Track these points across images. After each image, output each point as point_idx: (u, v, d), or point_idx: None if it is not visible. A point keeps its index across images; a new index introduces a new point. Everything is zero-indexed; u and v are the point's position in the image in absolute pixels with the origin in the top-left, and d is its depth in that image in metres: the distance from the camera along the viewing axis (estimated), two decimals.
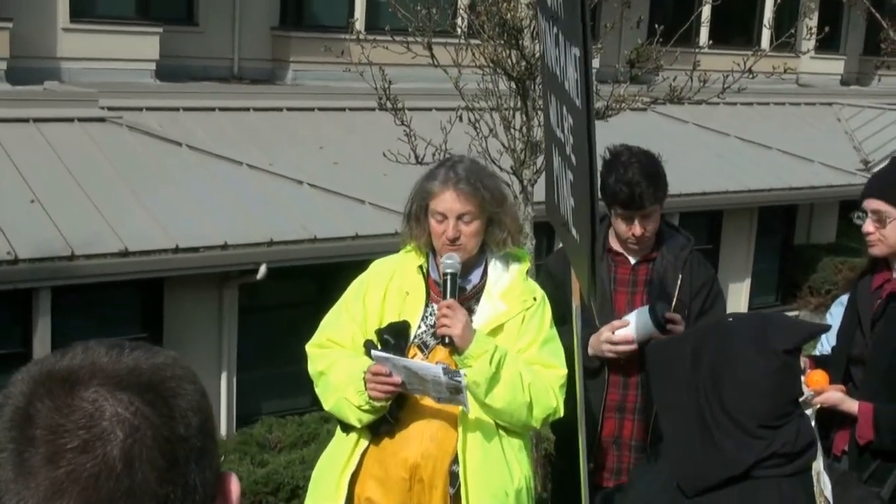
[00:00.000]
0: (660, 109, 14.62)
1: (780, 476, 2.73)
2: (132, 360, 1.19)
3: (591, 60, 3.10)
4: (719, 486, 2.74)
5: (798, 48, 11.87)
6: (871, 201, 4.13)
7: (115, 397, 1.14)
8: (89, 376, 1.15)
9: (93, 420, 1.12)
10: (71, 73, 12.38)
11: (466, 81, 7.23)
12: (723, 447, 2.73)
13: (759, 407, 2.72)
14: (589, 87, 3.05)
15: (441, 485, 3.76)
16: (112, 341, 1.22)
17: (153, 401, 1.16)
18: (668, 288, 4.44)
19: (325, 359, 3.88)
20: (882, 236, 4.11)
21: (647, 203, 4.27)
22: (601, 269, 4.45)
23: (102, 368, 1.17)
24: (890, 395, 4.08)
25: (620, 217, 4.36)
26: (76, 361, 1.18)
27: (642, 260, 4.52)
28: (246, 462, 8.50)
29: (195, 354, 10.37)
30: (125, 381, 1.16)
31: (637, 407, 4.45)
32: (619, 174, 4.27)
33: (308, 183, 11.11)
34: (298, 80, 14.43)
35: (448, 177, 3.79)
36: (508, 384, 3.67)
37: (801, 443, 2.76)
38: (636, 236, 4.34)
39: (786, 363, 2.76)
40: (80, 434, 1.11)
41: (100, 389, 1.14)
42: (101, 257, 9.17)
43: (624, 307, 4.48)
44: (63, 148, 10.32)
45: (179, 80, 13.22)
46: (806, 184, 15.78)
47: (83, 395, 1.13)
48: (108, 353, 1.19)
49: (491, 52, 7.01)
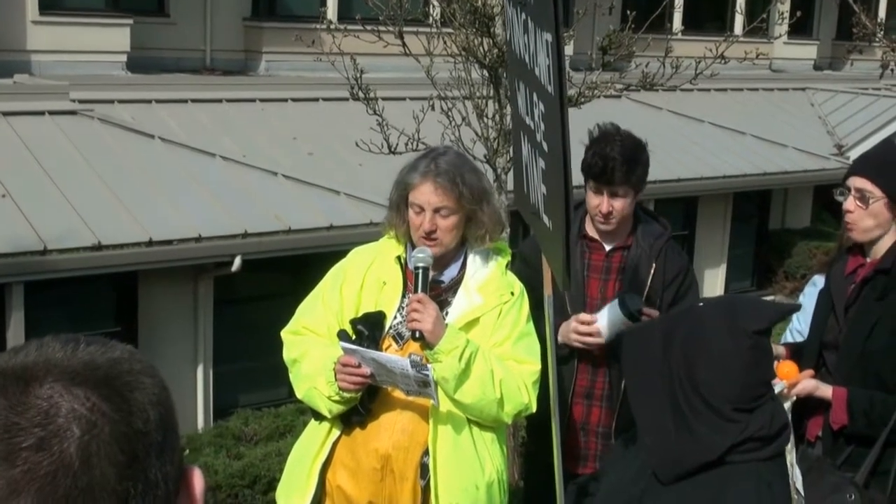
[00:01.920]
0: (634, 97, 14.66)
1: (756, 460, 2.73)
2: (87, 355, 1.16)
3: (563, 46, 3.09)
4: (695, 472, 2.74)
5: (771, 33, 11.90)
6: (857, 179, 4.14)
7: (71, 393, 1.11)
8: (44, 373, 1.13)
9: (48, 417, 1.09)
10: (41, 65, 12.28)
11: (438, 70, 7.21)
12: (697, 432, 2.73)
13: (732, 389, 2.72)
14: (561, 72, 3.03)
15: (412, 476, 3.75)
16: (68, 336, 1.20)
17: (110, 395, 1.13)
18: (642, 276, 4.45)
19: (299, 346, 3.87)
20: (858, 217, 4.12)
21: (616, 179, 4.28)
22: (575, 255, 4.46)
23: (57, 364, 1.14)
24: (863, 379, 4.09)
25: (592, 190, 4.38)
26: (30, 358, 1.15)
27: (617, 247, 4.52)
28: (222, 455, 8.47)
29: (171, 348, 10.33)
30: (81, 377, 1.13)
31: (605, 394, 4.47)
32: (599, 147, 4.30)
33: (282, 174, 11.06)
34: (271, 70, 14.37)
35: (429, 168, 3.77)
36: (478, 380, 3.65)
37: (776, 426, 2.77)
38: (602, 213, 4.35)
39: (757, 343, 2.76)
40: (35, 432, 1.08)
41: (55, 385, 1.11)
42: (74, 251, 9.11)
43: (597, 294, 4.48)
44: (34, 141, 10.24)
45: (151, 71, 13.14)
46: (780, 169, 15.83)
47: (38, 393, 1.11)
48: (62, 349, 1.17)
49: (463, 40, 6.98)
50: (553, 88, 3.09)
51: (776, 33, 14.29)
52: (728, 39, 7.30)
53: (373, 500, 3.79)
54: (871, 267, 4.15)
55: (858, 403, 4.06)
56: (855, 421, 4.06)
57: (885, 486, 4.02)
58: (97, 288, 10.11)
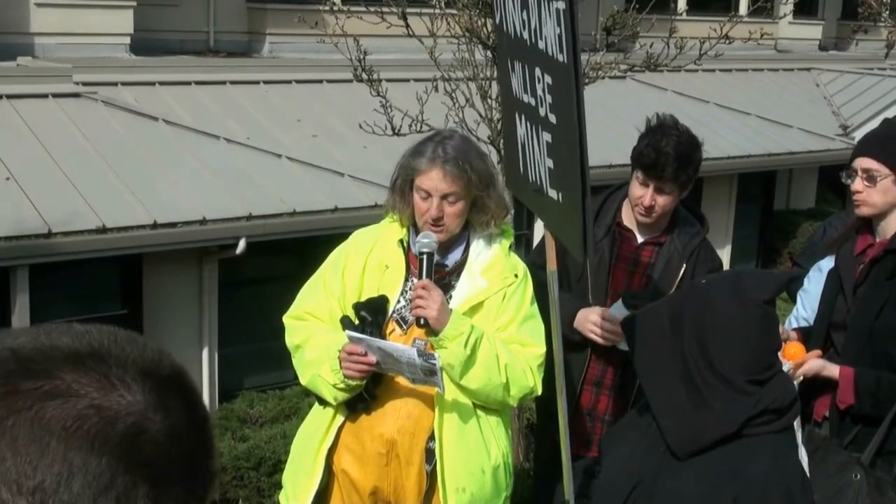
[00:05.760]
0: (638, 77, 14.63)
1: (770, 433, 2.76)
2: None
3: (577, 12, 3.07)
4: (712, 447, 2.77)
5: (776, 13, 11.86)
6: (863, 160, 4.17)
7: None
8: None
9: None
10: (44, 48, 12.25)
11: (442, 51, 7.18)
12: (714, 407, 2.76)
13: (746, 359, 2.77)
14: (575, 39, 3.02)
15: (417, 461, 3.75)
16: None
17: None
18: (671, 275, 4.38)
19: (302, 332, 3.86)
20: (868, 196, 4.13)
21: (667, 174, 4.20)
22: (604, 241, 4.40)
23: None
24: (871, 359, 4.09)
25: (638, 181, 4.30)
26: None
27: (649, 241, 4.45)
28: (227, 437, 8.49)
29: (175, 330, 10.34)
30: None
31: (615, 384, 4.46)
32: (654, 140, 4.22)
33: (286, 156, 11.05)
34: (275, 52, 14.33)
35: (436, 154, 3.74)
36: (484, 366, 3.65)
37: (788, 399, 2.83)
38: (644, 206, 4.27)
39: (765, 312, 2.82)
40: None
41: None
42: (79, 234, 9.10)
43: (620, 286, 4.43)
44: (38, 124, 10.22)
45: (155, 54, 13.10)
46: (785, 150, 15.78)
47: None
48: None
49: (466, 21, 6.97)
50: (566, 56, 3.06)
51: (781, 13, 14.24)
52: (733, 19, 7.28)
53: (378, 484, 3.80)
54: (881, 247, 4.15)
55: (865, 383, 4.06)
56: (862, 401, 4.07)
57: (892, 466, 4.03)
58: (102, 271, 10.11)
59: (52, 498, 1.02)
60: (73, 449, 1.04)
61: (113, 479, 1.04)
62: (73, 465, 1.03)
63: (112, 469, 1.04)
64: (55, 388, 1.06)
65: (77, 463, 1.03)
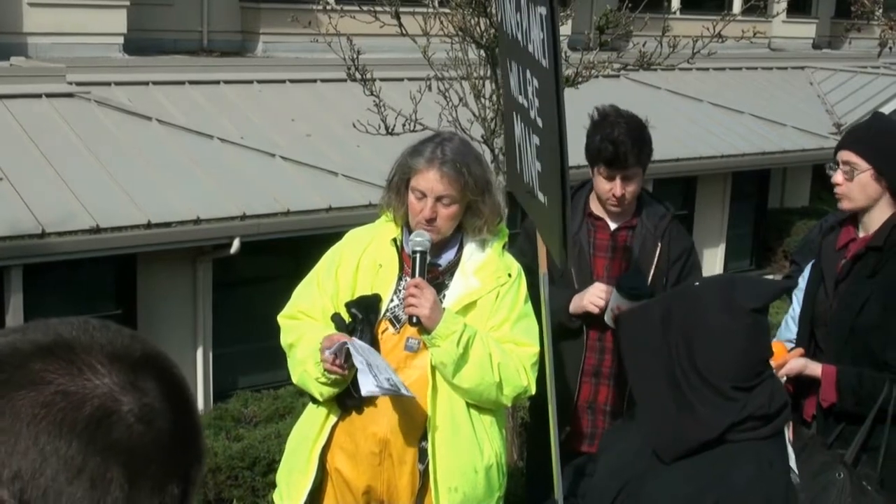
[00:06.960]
0: (632, 76, 14.63)
1: (756, 439, 2.74)
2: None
3: (558, 18, 3.08)
4: (696, 451, 2.76)
5: (769, 12, 11.87)
6: (844, 152, 4.21)
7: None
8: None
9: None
10: (37, 48, 12.24)
11: (435, 50, 7.19)
12: (697, 411, 2.74)
13: (732, 367, 2.74)
14: (556, 45, 3.02)
15: (410, 460, 3.75)
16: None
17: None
18: (648, 255, 4.48)
19: (295, 331, 3.87)
20: (847, 189, 4.17)
21: (630, 162, 4.31)
22: (580, 233, 4.48)
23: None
24: (852, 357, 4.10)
25: (602, 176, 4.39)
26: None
27: (622, 226, 4.54)
28: (222, 437, 8.47)
29: (170, 330, 10.34)
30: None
31: (612, 372, 4.49)
32: (606, 132, 4.31)
33: (280, 156, 11.04)
34: (269, 52, 14.33)
35: (434, 155, 3.73)
36: (477, 364, 3.65)
37: (776, 405, 2.78)
38: (616, 197, 4.37)
39: (756, 321, 2.79)
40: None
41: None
42: (73, 234, 9.10)
43: (602, 272, 4.51)
44: (31, 124, 10.21)
45: (148, 53, 13.09)
46: (779, 148, 15.80)
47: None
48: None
49: (459, 20, 6.96)
50: (548, 62, 3.07)
51: (774, 12, 14.28)
52: (726, 18, 7.28)
53: (371, 484, 3.80)
54: (863, 243, 4.16)
55: (847, 381, 4.08)
56: (844, 398, 4.09)
57: (876, 462, 4.04)
58: (96, 271, 10.10)
59: (30, 484, 1.04)
60: (43, 435, 1.06)
61: (84, 462, 1.06)
62: (44, 451, 1.05)
63: (82, 452, 1.06)
64: (23, 378, 1.08)
65: (48, 449, 1.05)
